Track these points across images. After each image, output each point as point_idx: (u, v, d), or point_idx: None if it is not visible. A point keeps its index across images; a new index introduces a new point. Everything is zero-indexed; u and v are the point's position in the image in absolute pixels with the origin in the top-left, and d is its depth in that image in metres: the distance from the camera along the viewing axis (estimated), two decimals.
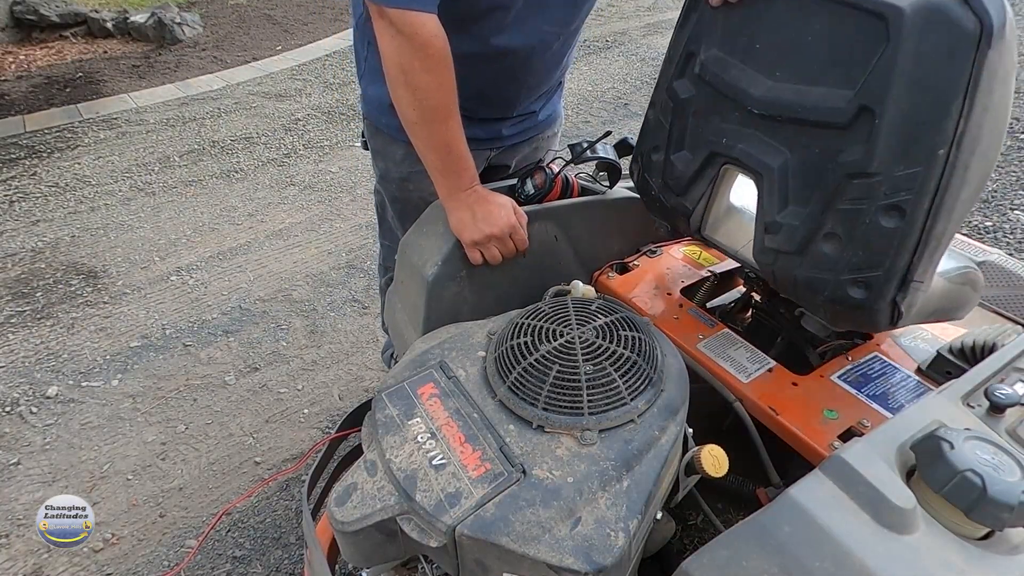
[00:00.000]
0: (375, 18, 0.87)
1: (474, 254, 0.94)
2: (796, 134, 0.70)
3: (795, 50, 0.69)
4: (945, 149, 0.59)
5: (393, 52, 0.87)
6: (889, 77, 0.60)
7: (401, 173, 1.21)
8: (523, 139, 1.25)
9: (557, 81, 1.22)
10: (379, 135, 1.21)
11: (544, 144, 1.32)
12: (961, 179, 0.60)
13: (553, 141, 1.35)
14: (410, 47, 0.85)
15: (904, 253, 0.64)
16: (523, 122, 1.22)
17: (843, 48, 0.64)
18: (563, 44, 1.09)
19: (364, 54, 1.17)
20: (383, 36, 0.87)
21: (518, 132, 1.22)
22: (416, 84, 0.87)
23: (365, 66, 1.18)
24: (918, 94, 0.59)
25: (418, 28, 0.84)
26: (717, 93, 0.77)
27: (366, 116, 1.23)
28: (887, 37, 0.59)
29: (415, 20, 0.83)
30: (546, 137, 1.31)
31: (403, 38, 0.85)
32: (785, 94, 0.70)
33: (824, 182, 0.68)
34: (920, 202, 0.61)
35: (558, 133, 1.36)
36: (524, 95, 1.14)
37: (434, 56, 0.86)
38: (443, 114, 0.90)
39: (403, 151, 1.17)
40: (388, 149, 1.20)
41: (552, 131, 1.33)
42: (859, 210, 0.65)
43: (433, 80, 0.87)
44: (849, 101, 0.64)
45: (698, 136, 0.82)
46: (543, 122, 1.27)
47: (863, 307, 0.68)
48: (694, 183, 0.85)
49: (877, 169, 0.63)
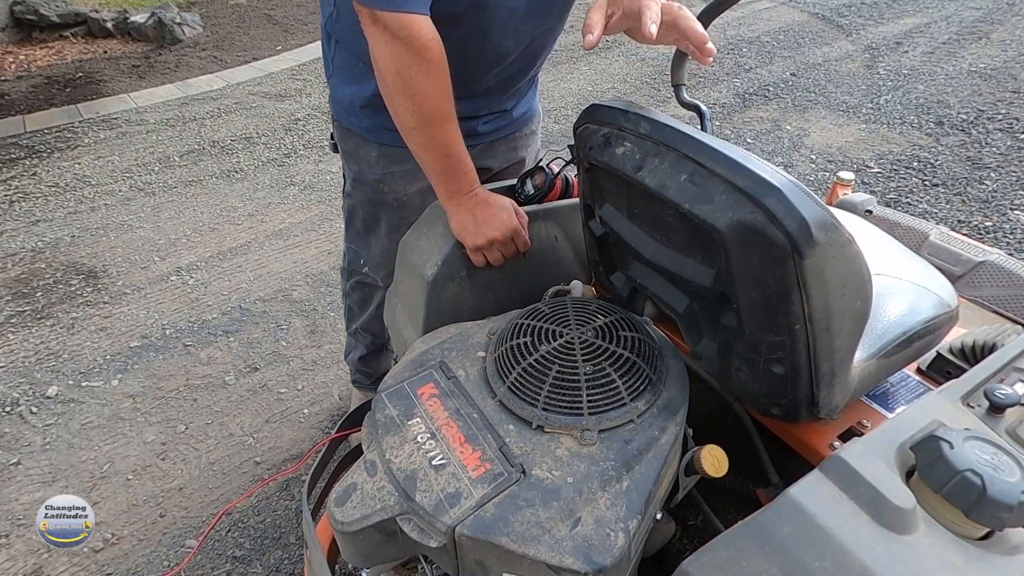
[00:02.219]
0: (367, 25, 0.84)
1: (477, 258, 0.94)
2: (689, 289, 0.74)
3: (663, 223, 0.71)
4: (800, 325, 0.61)
5: (389, 58, 0.84)
6: (732, 275, 0.63)
7: (376, 175, 1.17)
8: (499, 136, 1.22)
9: (531, 78, 1.19)
10: (351, 137, 1.17)
11: (523, 142, 1.29)
12: (827, 337, 0.62)
13: (532, 139, 1.31)
14: (407, 51, 0.82)
15: (801, 389, 0.67)
16: (498, 119, 1.19)
17: (697, 236, 0.67)
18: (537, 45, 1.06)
19: (331, 54, 1.14)
20: (377, 42, 0.84)
21: (494, 129, 1.19)
22: (415, 89, 0.85)
23: (333, 66, 1.15)
24: (759, 290, 0.62)
25: (415, 32, 0.81)
26: (622, 239, 0.80)
27: (336, 118, 1.20)
28: (722, 245, 0.61)
29: (411, 23, 0.81)
30: (524, 135, 1.28)
31: (399, 43, 0.82)
32: (668, 257, 0.74)
33: (720, 333, 0.72)
34: (796, 358, 0.64)
35: (536, 131, 1.33)
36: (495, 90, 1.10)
37: (432, 60, 0.84)
38: (442, 118, 0.88)
39: (377, 152, 1.14)
40: (361, 151, 1.17)
41: (530, 128, 1.29)
42: (753, 358, 0.68)
43: (432, 84, 0.85)
44: (711, 282, 0.67)
45: (624, 263, 0.86)
46: (519, 119, 1.24)
47: (787, 419, 0.72)
48: (634, 298, 0.89)
49: (750, 336, 0.66)
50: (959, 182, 2.78)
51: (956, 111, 3.39)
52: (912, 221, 1.24)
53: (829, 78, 3.89)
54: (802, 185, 0.57)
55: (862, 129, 3.29)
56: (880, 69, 3.98)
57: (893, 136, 3.21)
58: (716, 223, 0.60)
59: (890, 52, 4.24)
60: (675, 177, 0.64)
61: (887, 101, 3.56)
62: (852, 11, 5.09)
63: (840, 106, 3.54)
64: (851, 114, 3.45)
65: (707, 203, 0.61)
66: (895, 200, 2.69)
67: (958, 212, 2.59)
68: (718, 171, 0.60)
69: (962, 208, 2.61)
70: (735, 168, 0.59)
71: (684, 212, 0.63)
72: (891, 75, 3.88)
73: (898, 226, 1.23)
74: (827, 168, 2.95)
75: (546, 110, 3.59)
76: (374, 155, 1.15)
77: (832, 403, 0.69)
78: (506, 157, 1.27)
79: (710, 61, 0.77)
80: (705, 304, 0.73)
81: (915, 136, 3.19)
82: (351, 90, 1.11)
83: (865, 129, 3.29)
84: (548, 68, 4.07)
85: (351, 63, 1.09)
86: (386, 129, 1.06)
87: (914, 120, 3.34)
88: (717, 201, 0.60)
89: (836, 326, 0.62)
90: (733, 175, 0.59)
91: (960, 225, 2.51)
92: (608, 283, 0.91)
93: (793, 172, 2.92)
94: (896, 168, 2.92)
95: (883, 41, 4.44)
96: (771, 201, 0.56)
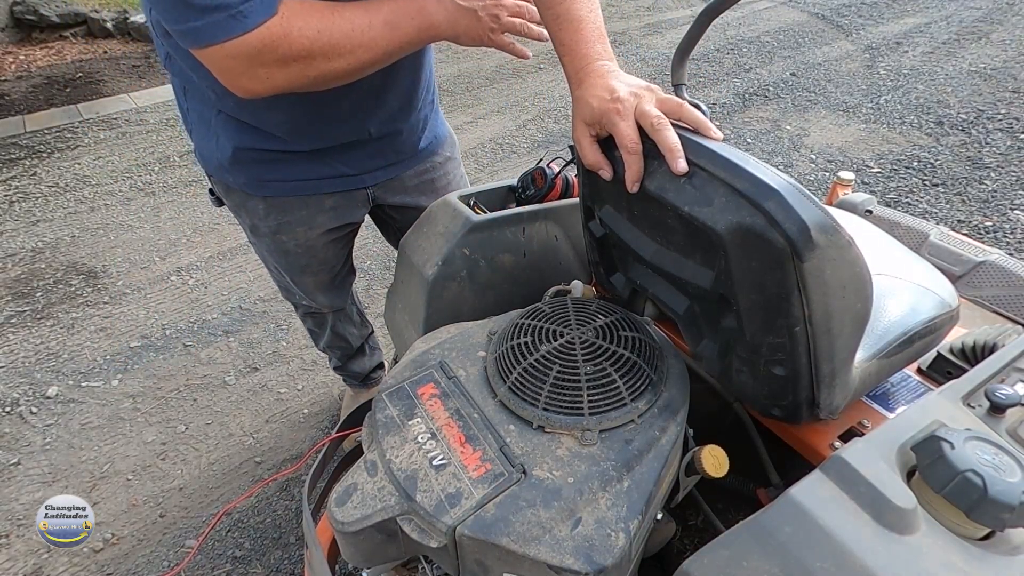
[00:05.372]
0: (225, 67, 0.71)
1: (499, 39, 0.84)
2: (689, 291, 0.73)
3: (663, 225, 0.71)
4: (800, 327, 0.61)
5: (284, 82, 0.73)
6: (732, 278, 0.63)
7: (270, 227, 1.08)
8: (405, 170, 1.12)
9: (420, 104, 1.06)
10: (232, 193, 1.06)
11: (440, 172, 1.18)
12: (828, 339, 0.62)
13: (449, 166, 1.20)
14: (290, 64, 0.71)
15: (803, 391, 0.67)
16: (388, 146, 1.07)
17: (697, 238, 0.66)
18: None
19: (185, 105, 0.98)
20: (254, 77, 0.72)
21: (393, 164, 1.09)
22: (319, 72, 0.74)
23: (189, 118, 1.00)
24: (759, 292, 0.61)
25: (273, 38, 0.69)
26: (622, 240, 0.80)
27: (209, 173, 1.06)
28: (722, 248, 0.61)
29: (268, 33, 0.68)
30: (437, 164, 1.17)
31: (277, 64, 0.70)
32: (668, 259, 0.73)
33: (720, 334, 0.71)
34: (797, 360, 0.64)
35: (453, 157, 1.21)
36: (372, 112, 0.99)
37: (311, 40, 0.71)
38: (357, 37, 0.75)
39: (264, 205, 1.04)
40: (248, 205, 1.06)
41: (442, 156, 1.18)
42: (753, 360, 0.68)
43: (341, 60, 0.74)
44: (711, 284, 0.67)
45: (624, 264, 0.86)
46: (424, 150, 1.13)
47: (787, 420, 0.72)
48: (634, 298, 0.89)
49: (751, 338, 0.66)
50: (959, 182, 2.78)
51: (956, 111, 3.38)
52: (912, 221, 1.24)
53: (829, 78, 3.89)
54: (802, 187, 0.57)
55: (862, 129, 3.29)
56: (880, 69, 3.98)
57: (893, 136, 3.20)
58: (716, 226, 0.60)
59: (890, 52, 4.24)
60: (674, 179, 0.64)
61: (887, 101, 3.56)
62: (852, 11, 5.09)
63: (840, 106, 3.54)
64: (851, 114, 3.45)
65: (706, 206, 0.61)
66: (895, 200, 2.69)
67: (958, 212, 2.59)
68: (717, 174, 0.60)
69: (962, 208, 2.61)
70: (734, 171, 0.59)
71: (683, 215, 0.63)
72: (891, 75, 3.88)
73: (898, 226, 1.23)
74: (827, 168, 2.95)
75: (546, 110, 3.59)
76: (262, 208, 1.06)
77: (833, 404, 0.69)
78: (422, 191, 1.17)
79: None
80: (705, 306, 0.73)
81: (915, 136, 3.19)
82: (213, 144, 0.98)
83: (865, 129, 3.29)
84: (548, 68, 4.08)
85: (205, 114, 0.96)
86: (268, 181, 1.01)
87: (914, 120, 3.34)
88: (716, 204, 0.60)
89: (836, 328, 0.62)
90: (732, 178, 0.59)
91: (960, 225, 2.51)
92: (608, 284, 0.90)
93: (793, 172, 2.92)
94: (896, 168, 2.92)
95: (883, 41, 4.44)
96: (771, 204, 0.56)
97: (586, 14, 0.76)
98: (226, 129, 0.95)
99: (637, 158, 0.66)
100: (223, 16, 0.65)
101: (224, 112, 0.94)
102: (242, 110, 0.92)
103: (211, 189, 1.11)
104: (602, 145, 0.72)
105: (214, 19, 0.65)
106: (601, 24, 0.77)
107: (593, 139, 0.72)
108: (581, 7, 0.76)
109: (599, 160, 0.72)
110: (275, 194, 1.04)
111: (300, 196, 1.05)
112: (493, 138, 3.31)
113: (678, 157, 0.62)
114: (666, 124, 0.64)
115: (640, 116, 0.66)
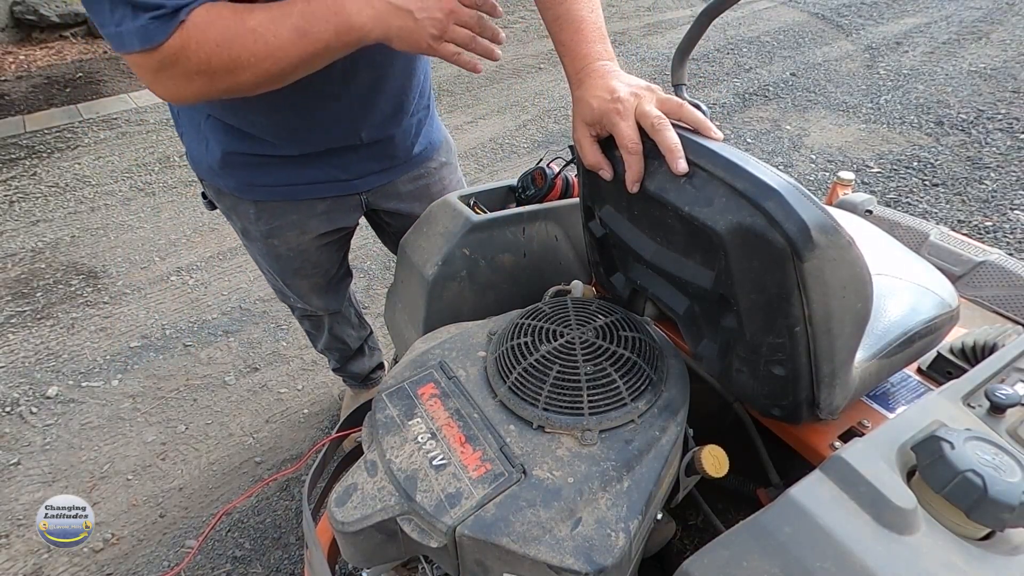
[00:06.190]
0: (150, 71, 0.69)
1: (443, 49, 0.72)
2: (689, 291, 0.73)
3: (663, 225, 0.71)
4: (800, 327, 0.61)
5: (183, 93, 0.71)
6: (732, 278, 0.63)
7: (261, 231, 1.08)
8: (398, 176, 1.11)
9: (413, 109, 1.05)
10: (223, 196, 1.06)
11: (435, 178, 1.17)
12: (828, 339, 0.62)
13: (444, 171, 1.19)
14: (181, 75, 0.69)
15: (803, 391, 0.67)
16: (381, 151, 1.05)
17: (697, 238, 0.66)
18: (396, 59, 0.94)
19: (175, 109, 1.00)
20: (157, 87, 0.71)
21: (386, 169, 1.08)
22: (227, 85, 0.71)
23: (180, 121, 1.01)
24: (759, 293, 0.61)
25: (168, 57, 0.67)
26: (622, 240, 0.80)
27: (200, 177, 1.06)
28: (722, 248, 0.61)
29: (160, 53, 0.66)
30: (431, 169, 1.16)
31: (169, 74, 0.68)
32: (668, 259, 0.73)
33: (720, 334, 0.71)
34: (797, 360, 0.64)
35: (448, 162, 1.20)
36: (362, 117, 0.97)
37: (195, 59, 0.67)
38: (261, 49, 0.68)
39: (254, 209, 1.04)
40: (239, 208, 1.06)
41: (437, 162, 1.16)
42: (753, 360, 0.68)
43: (228, 75, 0.69)
44: (711, 284, 0.67)
45: (624, 264, 0.86)
46: (418, 156, 1.12)
47: (787, 420, 0.72)
48: (634, 298, 0.89)
49: (751, 338, 0.66)
50: (959, 182, 2.78)
51: (956, 111, 3.38)
52: (912, 221, 1.24)
53: (829, 78, 3.89)
54: (802, 187, 0.57)
55: (862, 129, 3.29)
56: (880, 69, 3.98)
57: (893, 136, 3.20)
58: (715, 226, 0.60)
59: (890, 52, 4.24)
60: (675, 180, 0.64)
61: (887, 101, 3.56)
62: (852, 11, 5.09)
63: (840, 106, 3.54)
64: (851, 114, 3.45)
65: (707, 206, 0.61)
66: (895, 200, 2.69)
67: (958, 212, 2.59)
68: (717, 174, 0.60)
69: (962, 208, 2.61)
70: (734, 171, 0.59)
71: (684, 215, 0.63)
72: (891, 75, 3.88)
73: (898, 226, 1.23)
74: (827, 168, 2.95)
75: (546, 110, 3.59)
76: (252, 212, 1.05)
77: (833, 404, 0.69)
78: (417, 197, 1.15)
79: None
80: (705, 306, 0.73)
81: (915, 136, 3.19)
82: (203, 147, 0.99)
83: (865, 129, 3.29)
84: (548, 68, 4.08)
85: (194, 118, 0.97)
86: (258, 185, 1.01)
87: (914, 120, 3.34)
88: (717, 204, 0.60)
89: (836, 328, 0.62)
90: (732, 178, 0.59)
91: (960, 225, 2.51)
92: (608, 284, 0.90)
93: (793, 172, 2.92)
94: (896, 168, 2.92)
95: (883, 41, 4.44)
96: (770, 204, 0.56)
97: (587, 14, 0.76)
98: (215, 133, 0.95)
99: (637, 158, 0.66)
100: (131, 27, 0.65)
101: (213, 116, 0.93)
102: (230, 114, 0.92)
103: (203, 193, 1.10)
104: (602, 145, 0.72)
105: (125, 28, 0.65)
106: (602, 24, 0.77)
107: (593, 139, 0.72)
108: (582, 7, 0.76)
109: (599, 160, 0.72)
110: (265, 198, 1.04)
111: (291, 200, 1.05)
112: (493, 138, 3.31)
113: (678, 157, 0.62)
114: (666, 124, 0.64)
115: (640, 116, 0.66)
